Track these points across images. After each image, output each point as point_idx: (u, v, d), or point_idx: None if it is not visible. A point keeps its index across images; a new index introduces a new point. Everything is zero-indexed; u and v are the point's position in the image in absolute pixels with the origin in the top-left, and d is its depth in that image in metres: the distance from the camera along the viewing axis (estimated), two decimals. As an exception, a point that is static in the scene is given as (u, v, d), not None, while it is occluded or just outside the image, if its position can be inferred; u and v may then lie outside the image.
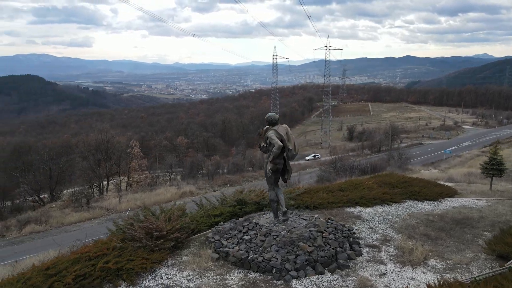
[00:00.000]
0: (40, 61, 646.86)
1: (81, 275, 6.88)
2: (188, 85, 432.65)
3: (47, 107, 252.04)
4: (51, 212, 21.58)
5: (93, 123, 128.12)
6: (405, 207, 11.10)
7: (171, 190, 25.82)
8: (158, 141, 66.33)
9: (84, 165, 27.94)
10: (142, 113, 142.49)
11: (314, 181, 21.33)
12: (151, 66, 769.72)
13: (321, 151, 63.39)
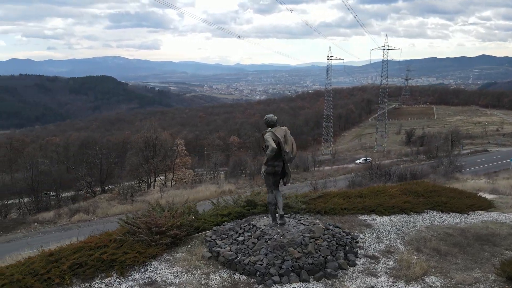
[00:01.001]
0: (114, 63, 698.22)
1: (78, 264, 7.37)
2: (248, 86, 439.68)
3: (118, 105, 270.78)
4: (99, 203, 23.25)
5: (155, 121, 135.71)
6: (425, 218, 10.35)
7: (211, 188, 26.49)
8: (211, 140, 68.32)
9: (134, 161, 29.84)
10: (201, 112, 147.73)
11: (345, 185, 20.58)
12: (213, 67, 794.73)
13: (375, 155, 60.89)
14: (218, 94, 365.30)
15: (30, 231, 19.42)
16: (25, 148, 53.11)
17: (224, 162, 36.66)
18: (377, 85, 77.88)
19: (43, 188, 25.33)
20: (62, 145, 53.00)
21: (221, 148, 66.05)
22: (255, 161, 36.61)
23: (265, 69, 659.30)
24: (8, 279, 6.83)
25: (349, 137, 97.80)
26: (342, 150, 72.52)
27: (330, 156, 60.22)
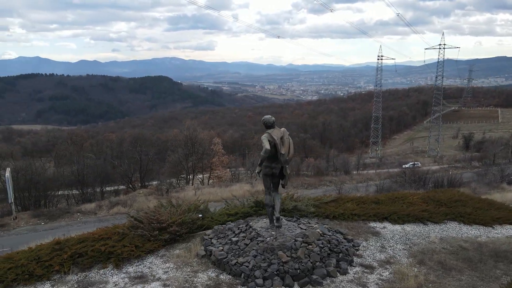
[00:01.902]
0: (171, 63, 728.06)
1: (78, 253, 7.86)
2: (300, 86, 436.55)
3: (173, 104, 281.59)
4: (137, 197, 24.43)
5: (207, 120, 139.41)
6: (443, 229, 9.66)
7: (245, 187, 26.71)
8: (256, 140, 68.77)
9: (173, 158, 30.98)
10: (250, 112, 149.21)
11: (374, 190, 19.63)
12: (265, 67, 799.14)
13: (426, 160, 57.65)
14: (269, 94, 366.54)
15: (73, 220, 20.91)
16: (83, 143, 57.27)
17: None
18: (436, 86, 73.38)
19: (88, 181, 27.34)
20: (116, 141, 56.31)
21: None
22: (299, 162, 36.30)
23: (317, 70, 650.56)
24: (15, 263, 7.45)
25: (400, 140, 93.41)
26: (391, 154, 69.51)
27: (377, 160, 58.01)
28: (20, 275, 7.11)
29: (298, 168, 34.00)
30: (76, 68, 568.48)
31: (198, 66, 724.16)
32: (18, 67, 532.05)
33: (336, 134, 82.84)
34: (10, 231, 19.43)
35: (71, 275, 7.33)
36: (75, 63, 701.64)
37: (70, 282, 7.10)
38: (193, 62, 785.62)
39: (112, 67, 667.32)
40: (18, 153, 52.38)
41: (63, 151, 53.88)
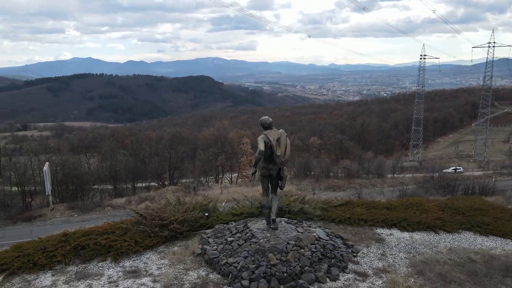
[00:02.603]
0: (213, 63, 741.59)
1: (81, 246, 8.26)
2: (341, 87, 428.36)
3: (214, 103, 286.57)
4: (166, 194, 25.14)
5: (245, 120, 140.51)
6: (455, 239, 9.12)
7: (271, 188, 26.68)
8: (291, 140, 68.35)
9: (203, 157, 31.57)
10: (289, 112, 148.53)
11: (397, 195, 18.66)
12: (306, 67, 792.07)
13: (471, 165, 54.43)
14: (310, 95, 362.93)
15: (103, 214, 21.93)
16: (124, 140, 59.90)
17: (296, 163, 36.20)
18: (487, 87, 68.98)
19: (121, 177, 28.64)
20: (154, 139, 58.32)
21: (300, 148, 65.69)
22: (333, 163, 35.64)
23: (360, 69, 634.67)
24: (23, 252, 7.96)
25: (444, 144, 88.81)
26: (433, 157, 66.27)
27: (416, 163, 55.61)
28: (25, 264, 7.60)
29: (328, 169, 33.42)
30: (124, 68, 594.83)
31: (240, 66, 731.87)
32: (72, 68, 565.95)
33: (375, 135, 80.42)
34: (46, 221, 20.73)
35: (72, 266, 7.73)
36: (123, 63, 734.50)
37: (69, 272, 7.48)
38: (234, 62, 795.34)
39: (157, 67, 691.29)
40: (65, 148, 55.69)
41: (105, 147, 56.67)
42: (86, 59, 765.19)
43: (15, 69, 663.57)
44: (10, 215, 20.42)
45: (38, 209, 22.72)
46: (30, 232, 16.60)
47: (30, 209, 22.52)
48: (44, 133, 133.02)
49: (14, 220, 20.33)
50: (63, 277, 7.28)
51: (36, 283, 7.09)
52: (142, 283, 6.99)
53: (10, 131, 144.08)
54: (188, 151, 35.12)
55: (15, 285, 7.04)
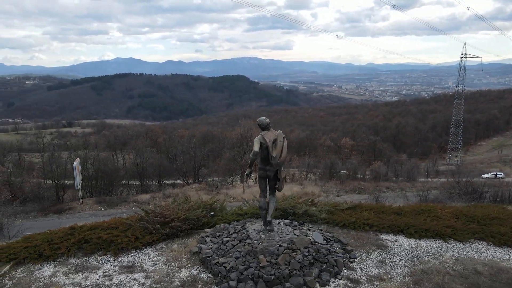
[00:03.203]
0: (250, 63, 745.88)
1: (85, 239, 8.60)
2: (379, 86, 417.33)
3: (249, 103, 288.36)
4: (189, 191, 25.64)
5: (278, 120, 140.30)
6: (464, 248, 8.64)
7: (294, 188, 26.48)
8: (323, 141, 67.50)
9: (228, 156, 31.84)
10: (323, 112, 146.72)
11: (417, 201, 17.76)
12: (343, 66, 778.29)
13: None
14: (346, 94, 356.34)
15: (128, 209, 22.67)
16: (157, 138, 61.67)
17: (313, 163, 35.40)
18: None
19: (147, 173, 29.56)
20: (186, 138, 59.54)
21: (332, 149, 64.68)
22: (363, 165, 34.84)
23: (400, 69, 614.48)
24: (32, 243, 8.41)
25: (487, 147, 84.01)
26: (473, 162, 62.94)
27: (454, 167, 53.07)
28: (31, 254, 8.02)
29: (355, 171, 32.64)
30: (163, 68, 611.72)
31: (275, 66, 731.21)
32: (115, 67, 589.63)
33: (410, 137, 77.56)
34: (75, 214, 21.77)
35: (73, 258, 8.08)
36: (162, 63, 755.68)
37: (70, 264, 7.82)
38: (270, 62, 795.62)
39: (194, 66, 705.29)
40: (102, 144, 58.14)
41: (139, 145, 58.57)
42: (128, 59, 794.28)
43: (63, 69, 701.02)
44: (43, 207, 21.64)
45: (69, 202, 23.90)
46: (59, 224, 17.49)
47: (62, 202, 23.75)
48: (86, 130, 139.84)
49: (46, 212, 21.51)
50: (63, 269, 7.62)
51: (38, 273, 7.47)
52: (134, 279, 7.19)
53: (56, 127, 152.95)
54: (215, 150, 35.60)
55: (20, 274, 7.45)
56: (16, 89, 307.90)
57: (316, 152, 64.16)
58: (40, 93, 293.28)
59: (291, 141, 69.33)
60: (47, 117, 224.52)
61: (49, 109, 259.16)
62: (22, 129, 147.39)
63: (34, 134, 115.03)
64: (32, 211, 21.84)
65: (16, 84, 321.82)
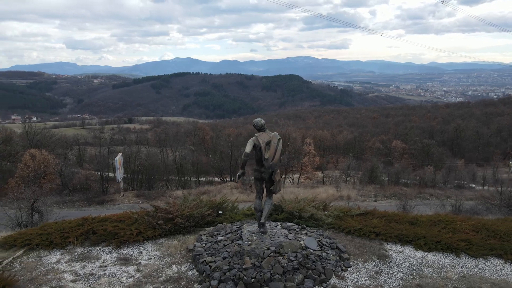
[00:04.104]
0: (304, 62, 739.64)
1: (93, 230, 9.13)
2: (442, 87, 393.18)
3: (301, 102, 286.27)
4: (223, 189, 26.10)
5: (328, 120, 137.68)
6: (476, 265, 7.92)
7: (330, 191, 25.86)
8: (372, 143, 65.09)
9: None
10: (376, 113, 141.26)
11: (449, 211, 16.23)
12: (403, 66, 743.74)
13: None
14: (404, 95, 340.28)
15: (162, 203, 23.61)
16: (205, 136, 63.41)
17: (353, 165, 34.00)
18: None
19: (185, 170, 30.53)
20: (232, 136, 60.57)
21: (381, 152, 62.15)
22: (406, 169, 33.10)
23: (466, 68, 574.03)
24: (46, 231, 9.11)
25: (561, 155, 75.45)
26: (543, 170, 56.93)
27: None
28: (43, 241, 8.69)
29: (398, 175, 31.00)
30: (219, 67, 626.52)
31: (330, 65, 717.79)
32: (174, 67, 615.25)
33: (470, 142, 72.01)
34: (115, 206, 23.11)
35: (79, 247, 8.62)
36: (218, 62, 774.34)
37: (75, 253, 8.36)
38: (325, 61, 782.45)
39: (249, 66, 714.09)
40: (153, 140, 60.98)
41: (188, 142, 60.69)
42: (186, 59, 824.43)
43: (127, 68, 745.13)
44: (87, 197, 23.25)
45: (112, 195, 25.42)
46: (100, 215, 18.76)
47: (106, 194, 25.34)
48: (144, 126, 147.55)
49: (90, 203, 23.09)
50: (68, 257, 8.17)
51: (45, 259, 8.07)
52: (126, 271, 7.51)
53: (117, 123, 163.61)
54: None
55: (29, 259, 8.11)
56: (85, 87, 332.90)
57: (363, 154, 62.11)
58: (106, 91, 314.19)
59: (338, 142, 67.69)
60: (110, 113, 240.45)
61: (113, 106, 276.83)
62: (88, 124, 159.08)
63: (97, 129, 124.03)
64: (78, 200, 23.55)
65: (85, 82, 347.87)
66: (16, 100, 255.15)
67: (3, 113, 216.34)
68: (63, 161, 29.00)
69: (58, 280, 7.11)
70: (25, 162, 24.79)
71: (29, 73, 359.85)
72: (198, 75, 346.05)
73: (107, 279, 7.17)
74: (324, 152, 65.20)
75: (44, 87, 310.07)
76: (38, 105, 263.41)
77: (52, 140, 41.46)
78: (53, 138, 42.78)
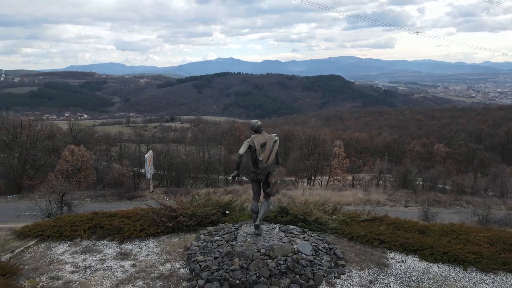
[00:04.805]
0: (347, 62, 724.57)
1: (100, 225, 9.53)
2: (496, 88, 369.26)
3: (343, 103, 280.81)
4: (250, 189, 26.16)
5: (369, 121, 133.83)
6: (484, 280, 7.39)
7: (358, 194, 25.12)
8: (412, 146, 62.51)
9: (294, 156, 31.46)
10: (421, 115, 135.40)
11: (476, 220, 14.91)
12: (453, 65, 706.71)
13: None
14: (454, 96, 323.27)
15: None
16: (240, 135, 63.97)
17: (387, 168, 32.58)
18: None
19: (213, 168, 30.96)
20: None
21: (421, 156, 59.57)
22: (435, 175, 31.45)
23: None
24: (58, 223, 9.63)
25: None
26: None
27: None
28: (55, 233, 9.20)
29: (434, 180, 29.43)
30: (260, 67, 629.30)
31: (374, 65, 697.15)
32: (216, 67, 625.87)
33: (524, 147, 67.08)
34: (143, 201, 23.88)
35: (86, 241, 9.04)
36: (260, 62, 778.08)
37: (81, 246, 8.78)
38: (369, 61, 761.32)
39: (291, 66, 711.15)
40: (190, 139, 62.50)
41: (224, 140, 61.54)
42: (228, 59, 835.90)
43: (171, 68, 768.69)
44: (118, 192, 24.29)
45: (142, 191, 26.37)
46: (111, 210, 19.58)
47: (137, 190, 26.33)
48: (184, 125, 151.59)
49: (120, 198, 24.09)
50: (73, 249, 8.59)
51: (53, 250, 8.55)
52: (122, 265, 7.78)
53: (160, 122, 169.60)
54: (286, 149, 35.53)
55: (39, 249, 8.62)
56: (132, 86, 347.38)
57: (402, 157, 59.78)
58: (151, 90, 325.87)
59: (376, 144, 65.60)
60: (155, 112, 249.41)
61: (157, 105, 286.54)
62: (133, 122, 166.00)
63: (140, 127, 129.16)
64: (110, 195, 24.66)
65: (132, 82, 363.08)
66: (70, 99, 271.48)
67: (58, 111, 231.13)
68: (99, 157, 30.48)
69: (59, 271, 7.50)
70: (65, 157, 26.32)
71: (81, 73, 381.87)
72: (239, 75, 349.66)
73: (102, 272, 7.46)
74: (361, 154, 63.53)
75: (95, 87, 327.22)
76: (89, 103, 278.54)
77: (94, 137, 43.72)
78: (95, 135, 45.05)
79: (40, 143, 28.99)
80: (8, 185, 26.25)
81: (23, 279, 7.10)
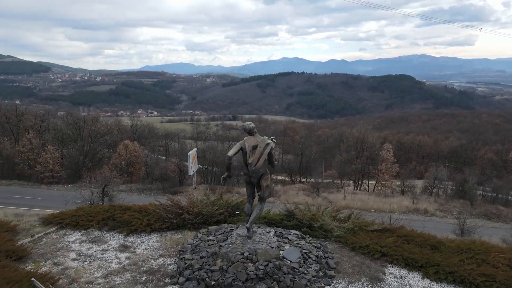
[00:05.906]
0: (419, 61, 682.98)
1: (112, 217, 10.12)
2: None
3: (411, 104, 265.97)
4: (289, 191, 25.97)
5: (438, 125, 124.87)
6: (488, 307, 6.59)
7: (405, 202, 23.63)
8: (483, 152, 57.24)
9: (340, 159, 30.37)
10: (500, 118, 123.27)
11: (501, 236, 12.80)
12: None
13: None
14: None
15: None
16: (295, 136, 63.67)
17: (443, 176, 29.83)
18: None
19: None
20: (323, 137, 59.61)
21: (494, 164, 54.37)
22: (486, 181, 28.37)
23: None
24: (78, 213, 10.42)
25: None
26: None
27: None
28: (72, 222, 9.98)
29: (498, 191, 26.41)
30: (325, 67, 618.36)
31: (450, 64, 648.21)
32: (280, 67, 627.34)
33: None
34: (185, 197, 24.86)
35: (98, 231, 9.68)
36: (325, 62, 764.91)
37: (92, 235, 9.42)
38: (444, 60, 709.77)
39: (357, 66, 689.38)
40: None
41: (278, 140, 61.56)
42: (293, 58, 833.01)
43: (237, 68, 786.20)
44: (163, 187, 25.52)
45: (186, 187, 27.39)
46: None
47: (181, 185, 27.44)
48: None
49: (164, 192, 25.28)
50: (84, 238, 9.25)
51: (67, 238, 9.29)
52: (118, 257, 8.21)
53: (222, 120, 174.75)
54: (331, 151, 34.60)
55: (57, 236, 9.42)
56: (199, 85, 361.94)
57: (472, 165, 54.97)
58: (216, 89, 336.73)
59: (441, 150, 61.06)
60: (219, 110, 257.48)
61: (221, 104, 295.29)
62: (196, 120, 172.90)
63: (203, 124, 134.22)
64: (155, 189, 26.00)
65: (199, 81, 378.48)
66: (143, 97, 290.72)
67: (132, 108, 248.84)
68: (149, 152, 32.29)
69: (63, 257, 8.13)
70: (119, 152, 28.28)
71: (154, 73, 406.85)
72: (303, 75, 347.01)
73: (99, 262, 7.94)
74: (423, 159, 59.63)
75: (166, 85, 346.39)
76: (160, 101, 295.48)
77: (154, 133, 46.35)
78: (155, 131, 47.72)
79: (100, 137, 31.55)
80: (71, 175, 28.91)
81: (30, 262, 7.80)
